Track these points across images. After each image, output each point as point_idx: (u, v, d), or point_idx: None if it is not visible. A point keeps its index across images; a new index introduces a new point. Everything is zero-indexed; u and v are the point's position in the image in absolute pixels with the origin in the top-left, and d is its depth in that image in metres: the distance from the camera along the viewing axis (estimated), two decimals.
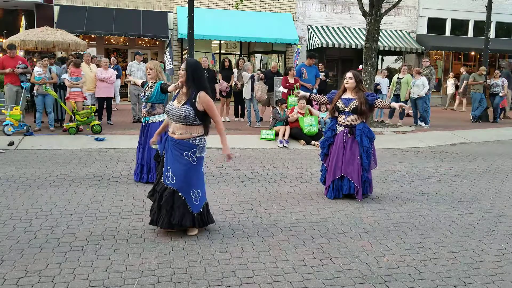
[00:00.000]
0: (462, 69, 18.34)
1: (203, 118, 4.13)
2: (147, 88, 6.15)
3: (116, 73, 12.05)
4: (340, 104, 5.58)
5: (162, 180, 4.23)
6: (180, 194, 4.15)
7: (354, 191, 5.56)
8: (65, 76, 9.88)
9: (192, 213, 4.20)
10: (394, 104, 5.68)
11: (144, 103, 6.22)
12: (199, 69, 4.16)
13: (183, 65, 4.16)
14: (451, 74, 19.04)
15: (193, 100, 4.06)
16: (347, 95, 5.60)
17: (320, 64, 13.32)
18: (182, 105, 4.08)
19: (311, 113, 9.95)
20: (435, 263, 3.90)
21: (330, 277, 3.58)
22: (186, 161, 4.11)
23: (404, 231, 4.66)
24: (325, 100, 5.96)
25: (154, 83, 6.12)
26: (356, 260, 3.91)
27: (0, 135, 8.92)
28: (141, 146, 6.26)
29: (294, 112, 9.78)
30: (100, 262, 3.72)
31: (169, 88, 5.93)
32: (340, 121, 5.63)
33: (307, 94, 6.32)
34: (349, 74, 5.59)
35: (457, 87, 17.93)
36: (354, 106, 5.48)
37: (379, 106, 5.59)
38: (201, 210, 4.29)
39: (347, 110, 5.53)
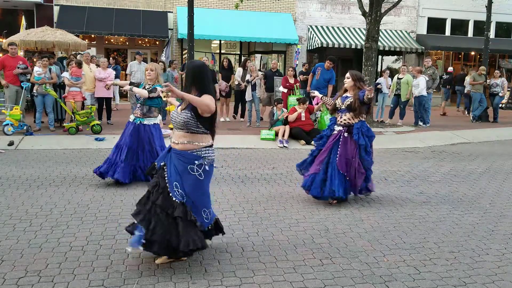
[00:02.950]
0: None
1: (210, 126, 3.69)
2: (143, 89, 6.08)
3: (115, 72, 12.02)
4: (338, 101, 5.66)
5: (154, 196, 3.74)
6: (191, 213, 3.64)
7: (338, 195, 5.35)
8: (66, 74, 9.88)
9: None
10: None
11: (139, 105, 6.08)
12: (202, 71, 3.70)
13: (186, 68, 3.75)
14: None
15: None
16: (346, 94, 5.68)
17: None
18: (183, 109, 3.64)
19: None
20: (435, 263, 3.90)
21: (330, 277, 3.58)
22: (193, 177, 3.61)
23: (404, 231, 4.66)
24: (332, 102, 5.90)
25: (152, 85, 6.05)
26: (356, 260, 3.91)
27: (0, 135, 8.92)
28: (124, 145, 6.13)
29: (296, 113, 9.73)
30: (100, 262, 3.72)
31: (151, 95, 5.93)
32: (338, 121, 5.63)
33: (320, 95, 6.23)
34: (347, 74, 5.70)
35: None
36: (349, 103, 5.49)
37: (366, 100, 5.45)
38: (209, 227, 3.86)
39: (343, 107, 5.55)
